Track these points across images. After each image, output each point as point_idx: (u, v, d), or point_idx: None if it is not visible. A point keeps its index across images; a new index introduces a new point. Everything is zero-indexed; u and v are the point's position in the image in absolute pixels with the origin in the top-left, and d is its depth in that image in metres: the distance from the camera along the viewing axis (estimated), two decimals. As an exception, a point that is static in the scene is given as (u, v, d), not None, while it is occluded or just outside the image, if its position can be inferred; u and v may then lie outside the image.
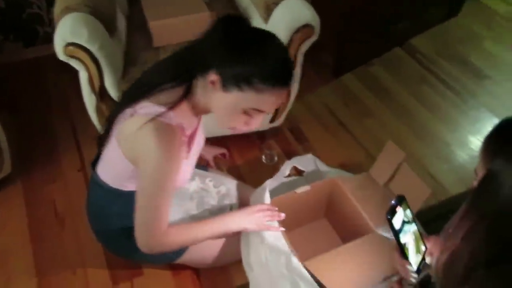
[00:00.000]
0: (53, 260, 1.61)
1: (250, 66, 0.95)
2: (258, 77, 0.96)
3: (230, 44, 0.95)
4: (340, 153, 2.01)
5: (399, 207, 0.92)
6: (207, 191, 1.40)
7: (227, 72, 0.96)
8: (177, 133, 0.98)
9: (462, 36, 2.71)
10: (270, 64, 0.97)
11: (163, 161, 0.97)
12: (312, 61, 1.99)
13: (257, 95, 0.97)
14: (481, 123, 2.18)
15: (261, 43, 0.97)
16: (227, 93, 0.98)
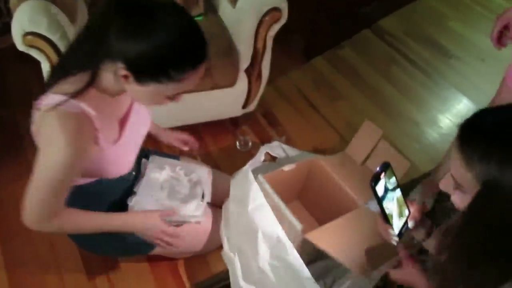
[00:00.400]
0: (24, 259, 1.56)
1: (162, 58, 0.87)
2: (175, 68, 0.88)
3: (130, 29, 0.84)
4: (313, 136, 2.02)
5: (383, 174, 0.92)
6: (177, 179, 1.38)
7: (137, 67, 0.88)
8: (80, 119, 0.92)
9: (429, 17, 2.74)
10: (183, 49, 0.88)
11: (62, 147, 0.91)
12: (283, 44, 1.97)
13: (178, 83, 0.91)
14: (450, 102, 2.22)
15: (167, 22, 0.85)
16: (144, 86, 0.91)
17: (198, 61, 0.91)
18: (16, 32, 1.41)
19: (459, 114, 2.14)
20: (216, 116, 1.94)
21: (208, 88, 1.71)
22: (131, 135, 1.13)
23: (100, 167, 1.07)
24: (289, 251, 1.17)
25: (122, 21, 0.84)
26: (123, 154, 1.12)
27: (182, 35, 0.87)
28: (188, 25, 0.89)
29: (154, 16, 0.84)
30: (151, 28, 0.84)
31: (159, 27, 0.84)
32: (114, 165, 1.10)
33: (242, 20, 1.65)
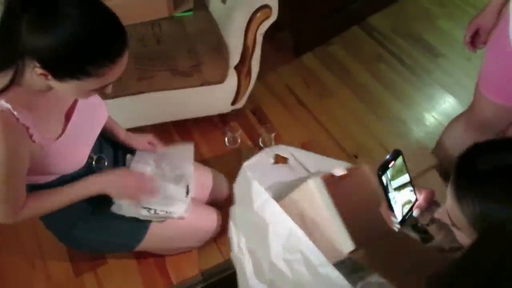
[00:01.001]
0: (10, 254, 1.55)
1: (75, 53, 0.83)
2: (92, 64, 0.85)
3: (37, 24, 0.81)
4: (302, 133, 2.03)
5: (392, 162, 0.92)
6: (163, 175, 1.37)
7: (52, 64, 0.85)
8: (5, 119, 0.90)
9: (417, 14, 2.76)
10: (96, 44, 0.84)
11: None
12: (272, 41, 1.98)
13: (98, 78, 0.89)
14: (435, 100, 2.25)
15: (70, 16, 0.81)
16: (65, 83, 0.89)
17: (115, 54, 0.88)
18: None
19: (444, 112, 2.17)
20: (205, 112, 1.94)
21: (198, 85, 1.71)
22: (79, 128, 1.11)
23: (49, 163, 1.06)
24: (303, 242, 1.16)
25: (30, 16, 0.81)
26: (70, 149, 1.10)
27: (92, 29, 0.84)
28: (100, 18, 0.86)
29: (63, 9, 0.81)
30: (60, 22, 0.81)
31: (67, 21, 0.81)
32: (62, 159, 1.08)
33: (232, 17, 1.65)
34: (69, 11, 0.81)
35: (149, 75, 1.60)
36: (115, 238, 1.32)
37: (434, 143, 1.61)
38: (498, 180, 0.63)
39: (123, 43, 0.89)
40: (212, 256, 1.58)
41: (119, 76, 0.94)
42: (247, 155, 1.85)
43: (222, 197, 1.61)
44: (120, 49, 0.88)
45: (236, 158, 1.91)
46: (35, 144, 0.99)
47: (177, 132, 1.97)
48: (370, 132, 2.06)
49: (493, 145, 0.68)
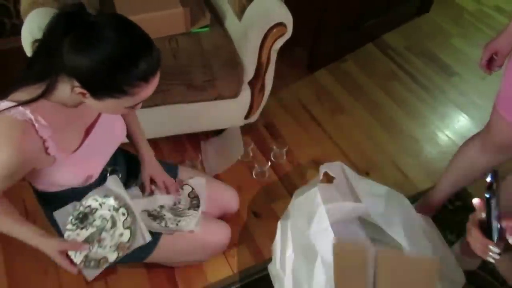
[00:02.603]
0: (24, 260, 1.58)
1: (114, 76, 0.90)
2: (128, 85, 0.91)
3: (77, 46, 0.87)
4: (313, 149, 2.04)
5: (495, 184, 0.82)
6: (114, 224, 1.24)
7: (91, 84, 0.91)
8: (25, 128, 0.95)
9: (432, 33, 2.77)
10: (135, 67, 0.90)
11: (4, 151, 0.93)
12: (286, 56, 2.01)
13: (133, 97, 0.95)
14: (449, 119, 2.25)
15: (108, 39, 0.87)
16: (102, 101, 0.95)
17: (148, 73, 0.93)
18: (25, 39, 1.44)
19: (458, 132, 2.17)
20: (218, 126, 1.97)
21: (212, 99, 1.74)
22: (95, 144, 1.15)
23: (61, 174, 1.09)
24: None
25: (72, 39, 0.87)
26: (83, 163, 1.13)
27: (128, 50, 0.89)
28: (135, 39, 0.91)
29: (100, 32, 0.87)
30: (97, 44, 0.87)
31: (104, 43, 0.87)
32: (75, 172, 1.12)
33: (247, 34, 1.68)
34: (106, 34, 0.87)
35: (165, 89, 1.64)
36: None
37: (447, 162, 1.60)
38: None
39: (156, 63, 0.94)
40: (221, 269, 1.59)
41: (151, 94, 0.99)
42: (258, 170, 1.89)
43: (232, 211, 1.63)
44: (153, 68, 0.94)
45: (247, 172, 1.93)
46: (49, 156, 1.02)
47: (190, 144, 2.00)
48: (382, 150, 2.07)
49: None
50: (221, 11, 1.92)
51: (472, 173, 1.50)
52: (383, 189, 1.58)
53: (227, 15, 1.87)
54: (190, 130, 1.93)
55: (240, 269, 1.60)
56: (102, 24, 0.88)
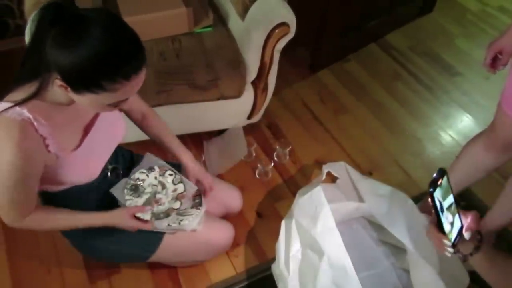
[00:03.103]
0: (27, 259, 1.59)
1: (92, 68, 0.87)
2: (106, 79, 0.89)
3: (60, 40, 0.86)
4: (316, 149, 2.04)
5: (440, 180, 0.87)
6: (163, 185, 1.36)
7: (70, 77, 0.89)
8: (23, 127, 0.95)
9: (435, 33, 2.77)
10: (112, 61, 0.88)
11: (8, 153, 0.94)
12: (289, 56, 2.01)
13: (113, 93, 0.92)
14: (452, 119, 2.24)
15: (98, 36, 0.86)
16: (82, 95, 0.93)
17: (130, 72, 0.91)
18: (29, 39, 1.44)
19: (461, 132, 2.16)
20: (220, 126, 1.97)
21: (215, 99, 1.74)
22: (96, 142, 1.15)
23: (62, 173, 1.10)
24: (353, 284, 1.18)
25: (55, 33, 0.86)
26: (85, 161, 1.14)
27: (110, 47, 0.87)
28: (119, 36, 0.89)
29: (84, 27, 0.86)
30: (80, 39, 0.85)
31: (87, 38, 0.85)
32: (74, 171, 1.12)
33: (250, 33, 1.68)
34: (91, 30, 0.86)
35: (168, 88, 1.64)
36: (129, 248, 1.35)
37: (450, 162, 1.59)
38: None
39: (139, 62, 0.92)
40: (224, 269, 1.59)
41: (134, 93, 0.97)
42: (261, 170, 1.89)
43: (236, 211, 1.63)
44: (135, 67, 0.91)
45: (251, 172, 1.93)
46: (51, 154, 1.03)
47: (193, 144, 2.00)
48: (385, 150, 2.06)
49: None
50: (224, 11, 1.92)
51: (476, 173, 1.49)
52: (386, 189, 1.58)
53: (230, 15, 1.87)
54: (193, 130, 1.93)
55: (243, 269, 1.60)
56: (89, 19, 0.86)
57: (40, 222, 1.14)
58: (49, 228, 1.22)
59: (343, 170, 1.62)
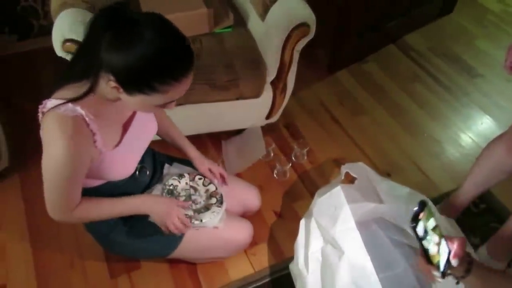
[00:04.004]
0: (51, 253, 1.63)
1: (144, 70, 0.92)
2: (158, 81, 0.93)
3: (115, 43, 0.90)
4: (334, 150, 2.04)
5: (422, 214, 0.90)
6: (195, 188, 1.43)
7: (124, 79, 0.94)
8: (76, 122, 0.99)
9: (455, 34, 2.74)
10: (164, 63, 0.92)
11: (60, 148, 0.98)
12: (307, 57, 2.01)
13: (163, 95, 0.97)
14: (472, 120, 2.22)
15: (152, 39, 0.90)
16: (133, 97, 0.97)
17: (180, 74, 0.95)
18: (56, 39, 1.48)
19: (482, 134, 2.14)
20: (239, 126, 1.99)
21: (234, 98, 1.76)
22: (133, 140, 1.19)
23: (102, 169, 1.13)
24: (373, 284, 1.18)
25: (110, 35, 0.90)
26: (123, 158, 1.18)
27: (163, 51, 0.91)
28: (171, 40, 0.93)
29: (138, 30, 0.90)
30: (134, 42, 0.89)
31: (141, 42, 0.89)
32: (114, 167, 1.16)
33: (270, 34, 1.70)
34: (145, 33, 0.90)
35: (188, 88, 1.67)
36: (151, 244, 1.38)
37: (470, 164, 1.58)
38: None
39: (189, 65, 0.97)
40: (242, 267, 1.61)
41: (182, 95, 1.02)
42: (279, 169, 1.90)
43: (254, 210, 1.64)
44: (185, 69, 0.96)
45: (269, 171, 1.94)
46: (96, 149, 1.07)
47: (212, 143, 2.02)
48: (403, 151, 2.05)
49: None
50: (244, 12, 1.94)
51: (497, 175, 1.48)
52: (405, 190, 1.57)
53: (250, 16, 1.89)
54: (212, 129, 1.95)
55: (261, 267, 1.61)
56: (142, 23, 0.91)
57: (87, 213, 1.17)
58: (94, 218, 1.25)
59: (362, 171, 1.62)
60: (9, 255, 1.62)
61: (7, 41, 2.41)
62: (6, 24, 2.35)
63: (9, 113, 2.04)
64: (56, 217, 1.14)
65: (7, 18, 2.33)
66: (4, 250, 1.64)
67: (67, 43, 1.47)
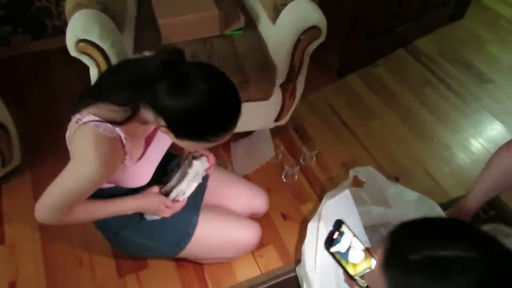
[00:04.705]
0: (61, 251, 1.65)
1: (199, 125, 0.95)
2: (210, 134, 0.97)
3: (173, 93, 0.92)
4: (342, 153, 2.04)
5: (336, 233, 0.95)
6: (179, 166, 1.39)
7: (177, 128, 0.97)
8: (113, 144, 1.01)
9: (466, 39, 2.73)
10: (218, 117, 0.96)
11: (92, 165, 0.99)
12: (317, 60, 2.01)
13: (211, 143, 1.00)
14: (482, 126, 2.21)
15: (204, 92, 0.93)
16: (180, 140, 1.01)
17: (231, 126, 0.99)
18: (70, 39, 1.50)
19: (492, 140, 2.12)
20: (248, 128, 2.00)
21: (243, 100, 1.74)
22: (154, 152, 1.21)
23: (121, 179, 1.16)
24: None
25: (169, 81, 0.92)
26: (143, 169, 1.20)
27: (215, 104, 0.94)
28: (223, 94, 0.96)
29: (193, 82, 0.92)
30: (188, 94, 0.92)
31: (194, 94, 0.92)
32: (133, 178, 1.19)
33: (281, 37, 1.71)
34: (199, 85, 0.92)
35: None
36: (160, 243, 1.39)
37: (479, 170, 1.57)
38: (422, 271, 0.65)
39: (238, 116, 1.00)
40: (249, 268, 1.61)
41: None
42: (288, 172, 1.90)
43: (261, 212, 1.65)
44: (235, 122, 1.00)
45: (277, 174, 1.94)
46: (122, 165, 1.09)
47: (221, 145, 2.02)
48: (412, 156, 2.05)
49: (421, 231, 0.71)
50: (255, 14, 1.95)
51: (506, 181, 1.47)
52: (414, 195, 1.57)
53: (261, 18, 1.90)
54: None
55: (268, 269, 1.61)
56: (196, 74, 0.93)
57: (77, 217, 1.16)
58: (84, 221, 1.26)
59: (370, 175, 1.62)
60: (19, 252, 1.65)
61: (20, 41, 2.44)
62: (20, 24, 2.39)
63: (22, 112, 2.07)
64: (40, 218, 1.11)
65: (21, 18, 2.36)
66: (14, 246, 1.66)
67: (80, 43, 1.49)
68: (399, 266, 0.68)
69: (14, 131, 1.78)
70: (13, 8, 2.31)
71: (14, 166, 1.84)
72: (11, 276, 1.58)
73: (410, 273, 0.66)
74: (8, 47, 2.42)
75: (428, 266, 0.64)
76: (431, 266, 0.64)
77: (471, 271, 0.62)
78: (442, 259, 0.64)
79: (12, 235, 1.69)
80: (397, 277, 0.68)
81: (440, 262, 0.63)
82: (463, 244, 0.65)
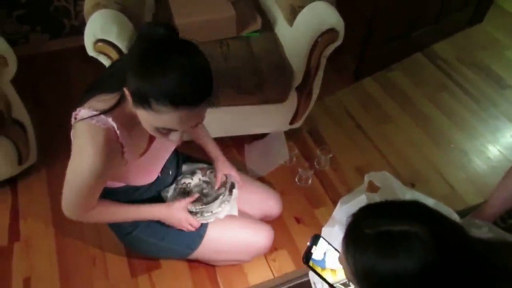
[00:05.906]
0: (74, 249, 1.66)
1: (147, 84, 0.88)
2: (153, 98, 0.88)
3: (140, 57, 0.89)
4: (357, 157, 2.02)
5: (314, 247, 0.96)
6: (208, 182, 1.45)
7: (132, 89, 0.91)
8: (107, 134, 1.01)
9: (484, 44, 2.68)
10: (168, 84, 0.87)
11: (90, 157, 1.00)
12: (333, 63, 2.00)
13: (158, 115, 0.90)
14: (500, 132, 2.17)
15: (166, 58, 0.87)
16: (137, 110, 0.95)
17: (181, 103, 0.89)
18: (88, 39, 1.51)
19: (509, 146, 2.08)
20: (263, 130, 1.99)
21: (259, 103, 1.76)
22: (158, 149, 1.21)
23: (125, 176, 1.17)
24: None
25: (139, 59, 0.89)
26: (148, 166, 1.21)
27: (177, 77, 0.87)
28: (191, 70, 0.89)
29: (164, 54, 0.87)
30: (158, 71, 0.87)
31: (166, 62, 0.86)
32: (138, 175, 1.20)
33: (298, 39, 1.70)
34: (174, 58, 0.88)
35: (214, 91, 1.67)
36: (172, 244, 1.39)
37: (497, 177, 1.54)
38: (374, 245, 0.68)
39: (194, 97, 0.90)
40: (262, 272, 1.60)
41: (185, 127, 0.97)
42: (302, 175, 1.89)
43: (275, 215, 1.64)
44: (188, 99, 0.89)
45: (291, 177, 1.93)
46: (123, 159, 1.09)
47: (235, 147, 2.03)
48: (428, 161, 2.02)
49: (380, 210, 0.75)
50: (272, 16, 1.94)
51: None
52: (430, 202, 1.53)
53: (278, 20, 1.89)
54: (235, 133, 1.96)
55: (280, 273, 1.60)
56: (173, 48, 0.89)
57: (100, 216, 1.22)
58: (106, 221, 1.30)
59: (386, 180, 1.59)
60: (34, 249, 1.66)
61: (39, 40, 2.47)
62: (38, 23, 2.41)
63: (38, 111, 2.09)
64: (68, 215, 1.17)
65: (40, 17, 2.39)
66: (29, 243, 1.68)
67: (98, 43, 1.50)
68: (356, 241, 0.71)
69: (31, 129, 1.80)
70: (32, 8, 2.34)
71: (30, 163, 1.86)
72: (25, 272, 1.59)
73: (364, 248, 0.69)
74: (26, 46, 2.45)
75: (378, 239, 0.67)
76: (381, 240, 0.67)
77: (417, 247, 0.64)
78: (391, 234, 0.67)
79: (27, 232, 1.71)
80: (355, 255, 0.70)
81: (390, 237, 0.66)
82: (412, 220, 0.68)
